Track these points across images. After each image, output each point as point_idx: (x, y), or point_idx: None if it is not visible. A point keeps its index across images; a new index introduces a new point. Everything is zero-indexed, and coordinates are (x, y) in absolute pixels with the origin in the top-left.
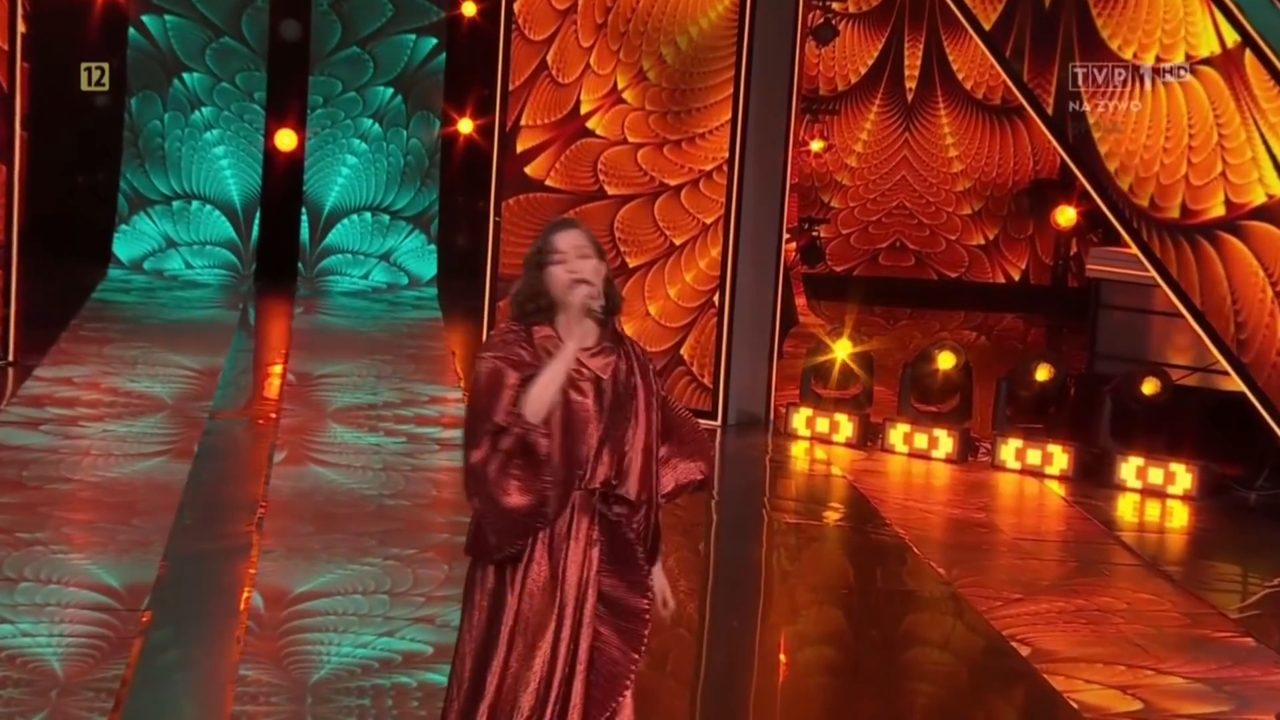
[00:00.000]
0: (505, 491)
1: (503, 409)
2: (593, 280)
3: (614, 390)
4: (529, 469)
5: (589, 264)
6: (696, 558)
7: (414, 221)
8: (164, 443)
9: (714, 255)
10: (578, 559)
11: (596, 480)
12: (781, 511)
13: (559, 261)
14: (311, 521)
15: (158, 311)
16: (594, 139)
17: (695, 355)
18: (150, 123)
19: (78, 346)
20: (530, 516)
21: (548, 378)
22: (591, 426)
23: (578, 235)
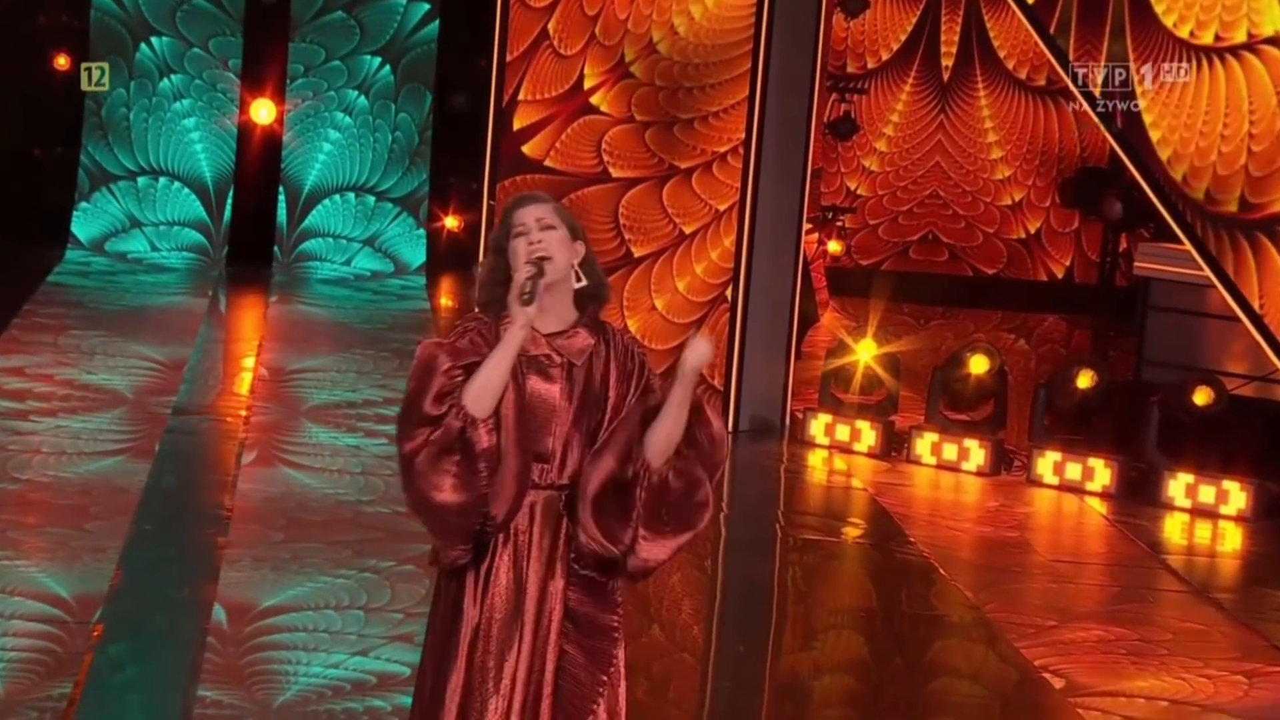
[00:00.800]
0: (436, 487)
1: (431, 398)
2: (555, 254)
3: (588, 378)
4: (466, 464)
5: (554, 235)
6: (703, 576)
7: (402, 204)
8: (122, 441)
9: (727, 245)
10: (540, 568)
11: (564, 476)
12: (796, 527)
13: (520, 234)
14: (282, 529)
15: (119, 297)
16: (598, 116)
17: None
18: (114, 91)
19: (30, 334)
20: (463, 516)
21: (491, 364)
22: (558, 417)
23: (541, 208)
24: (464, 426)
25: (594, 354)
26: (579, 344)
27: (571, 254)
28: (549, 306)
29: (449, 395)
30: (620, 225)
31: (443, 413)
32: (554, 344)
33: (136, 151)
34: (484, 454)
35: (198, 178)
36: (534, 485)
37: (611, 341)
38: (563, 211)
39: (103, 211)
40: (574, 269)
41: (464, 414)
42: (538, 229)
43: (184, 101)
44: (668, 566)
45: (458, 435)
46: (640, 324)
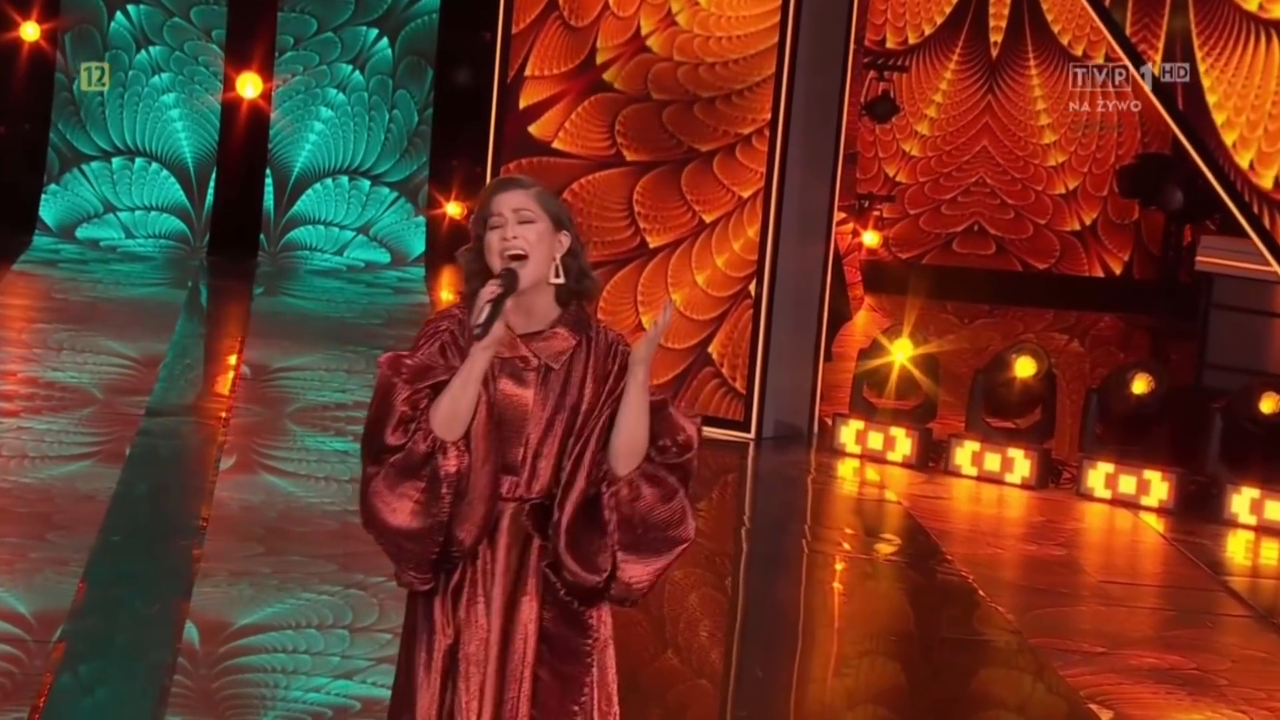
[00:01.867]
0: (393, 511)
1: (391, 428)
2: (531, 251)
3: (565, 383)
4: (430, 489)
5: (532, 229)
6: (722, 596)
7: (399, 189)
8: (89, 444)
9: (751, 236)
10: (508, 586)
11: (533, 489)
12: (824, 543)
13: (495, 226)
14: (261, 541)
15: (90, 288)
16: (611, 94)
17: (726, 354)
18: (85, 64)
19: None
20: (418, 542)
21: (456, 390)
22: (531, 424)
23: (521, 195)
24: (431, 451)
25: (574, 356)
26: (557, 345)
27: (553, 247)
28: (527, 305)
29: (411, 420)
30: (635, 213)
31: (405, 441)
32: (530, 346)
33: (111, 130)
34: (449, 479)
35: (177, 159)
36: (501, 498)
37: (593, 340)
38: (546, 197)
39: (74, 195)
40: (555, 263)
41: (433, 438)
42: (514, 221)
43: (163, 76)
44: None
45: (423, 459)
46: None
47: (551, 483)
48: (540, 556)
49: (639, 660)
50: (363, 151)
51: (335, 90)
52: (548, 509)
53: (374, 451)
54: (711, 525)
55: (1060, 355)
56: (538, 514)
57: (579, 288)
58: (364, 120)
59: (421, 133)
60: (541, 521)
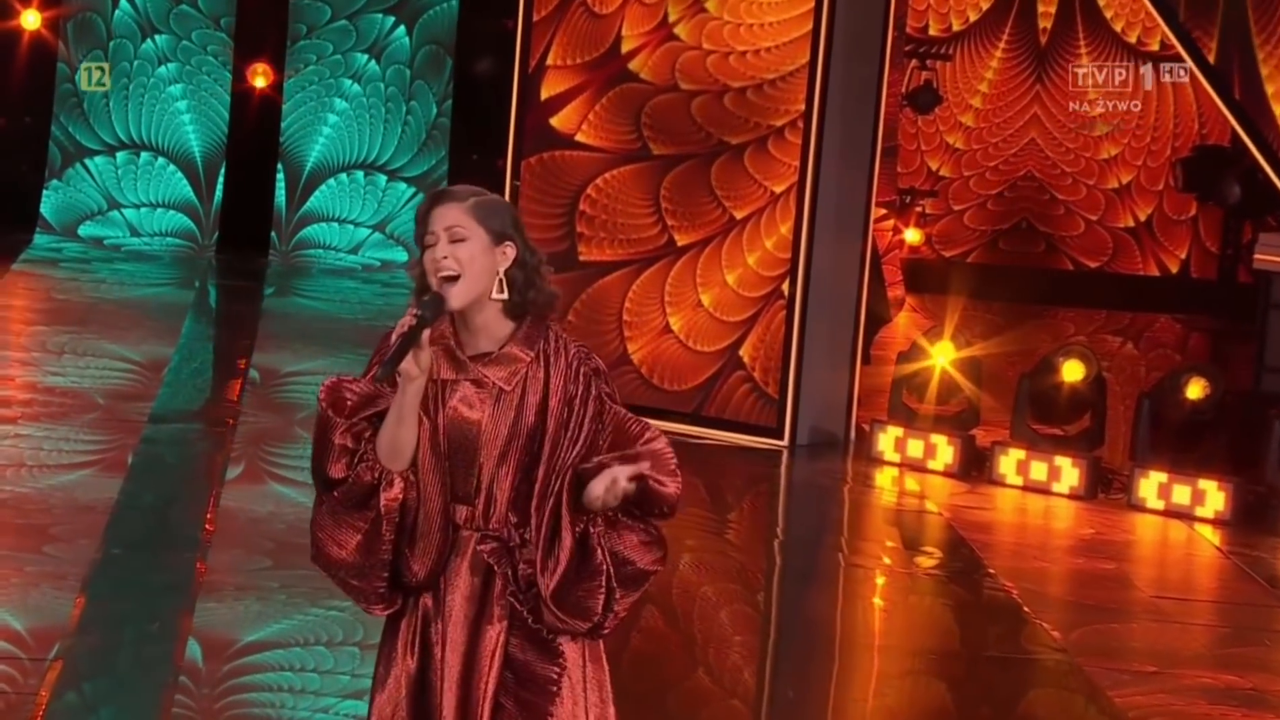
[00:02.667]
0: (338, 544)
1: (332, 463)
2: (461, 270)
3: (520, 405)
4: (375, 520)
5: (464, 248)
6: (755, 612)
7: (417, 184)
8: (90, 451)
9: (784, 233)
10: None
11: (490, 520)
12: (862, 556)
13: (429, 245)
14: (269, 553)
15: (93, 289)
16: (637, 84)
17: (757, 357)
18: (90, 54)
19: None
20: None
21: (391, 425)
22: (484, 452)
23: (454, 211)
24: (377, 481)
25: (529, 375)
26: (509, 366)
27: (493, 262)
28: (474, 324)
29: (355, 453)
30: (662, 210)
31: (348, 474)
32: (480, 369)
33: (115, 123)
34: (391, 514)
35: (185, 153)
36: (457, 528)
37: (552, 358)
38: (484, 209)
39: (76, 191)
40: (498, 278)
41: (378, 470)
42: (446, 240)
43: (169, 66)
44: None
45: (368, 491)
46: (684, 322)
47: (510, 511)
48: (505, 584)
49: (668, 680)
50: (379, 145)
51: (350, 81)
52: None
53: (319, 484)
54: (743, 538)
55: (1113, 358)
56: (498, 549)
57: (526, 299)
58: (380, 113)
59: (440, 125)
60: (502, 556)
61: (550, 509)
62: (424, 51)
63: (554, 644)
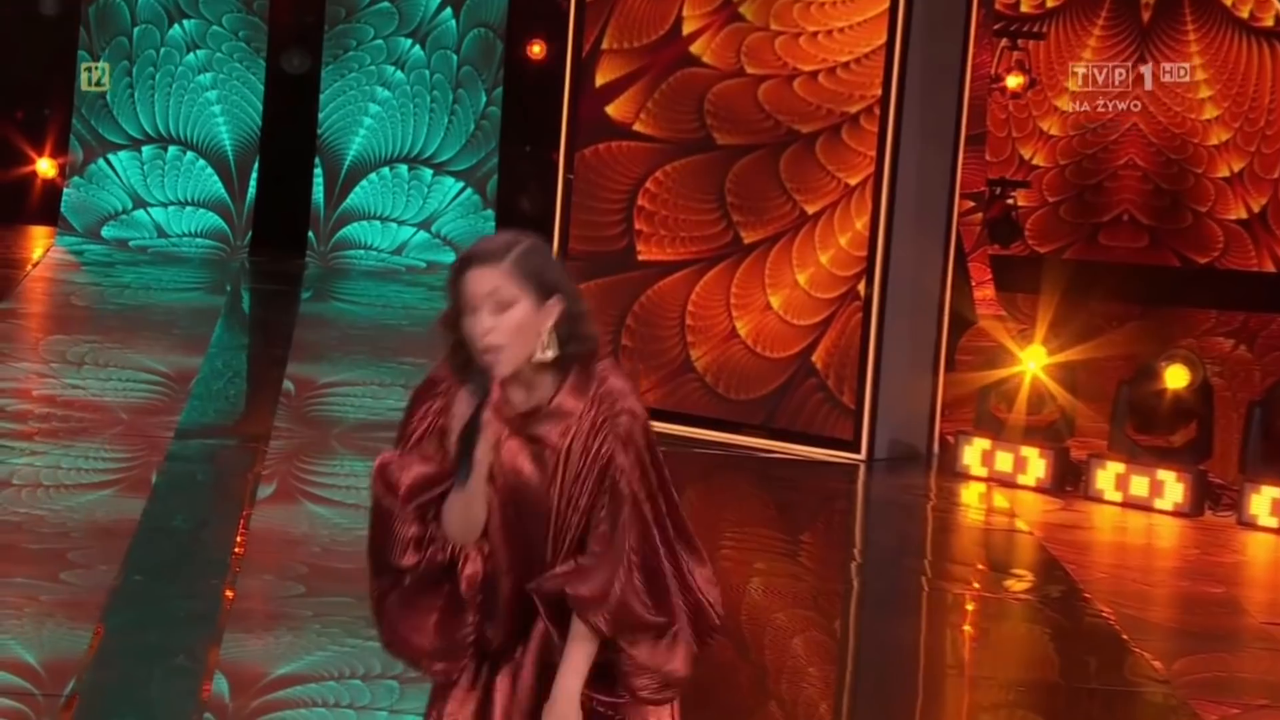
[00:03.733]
0: (415, 629)
1: (398, 552)
2: (508, 344)
3: (576, 461)
4: (454, 597)
5: (510, 317)
6: (831, 641)
7: (465, 178)
8: (112, 470)
9: (860, 228)
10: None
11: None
12: (947, 580)
13: (469, 312)
14: (302, 579)
15: (117, 294)
16: (699, 69)
17: (832, 364)
18: (114, 40)
19: (7, 339)
20: (449, 657)
21: (459, 509)
22: (551, 512)
23: (492, 275)
24: (453, 561)
25: (578, 425)
26: (561, 421)
27: (540, 323)
28: (525, 381)
29: (422, 538)
30: (726, 205)
31: (419, 559)
32: (538, 429)
33: (140, 116)
34: (472, 589)
35: (215, 147)
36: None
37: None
38: (527, 263)
39: (99, 189)
40: (542, 339)
41: (452, 549)
42: (488, 310)
43: (198, 53)
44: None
45: (443, 570)
46: (752, 327)
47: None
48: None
49: (737, 715)
50: (424, 137)
51: (392, 68)
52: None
53: (382, 572)
54: (817, 560)
55: (1223, 363)
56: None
57: (576, 352)
58: (424, 102)
59: (490, 115)
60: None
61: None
62: (472, 35)
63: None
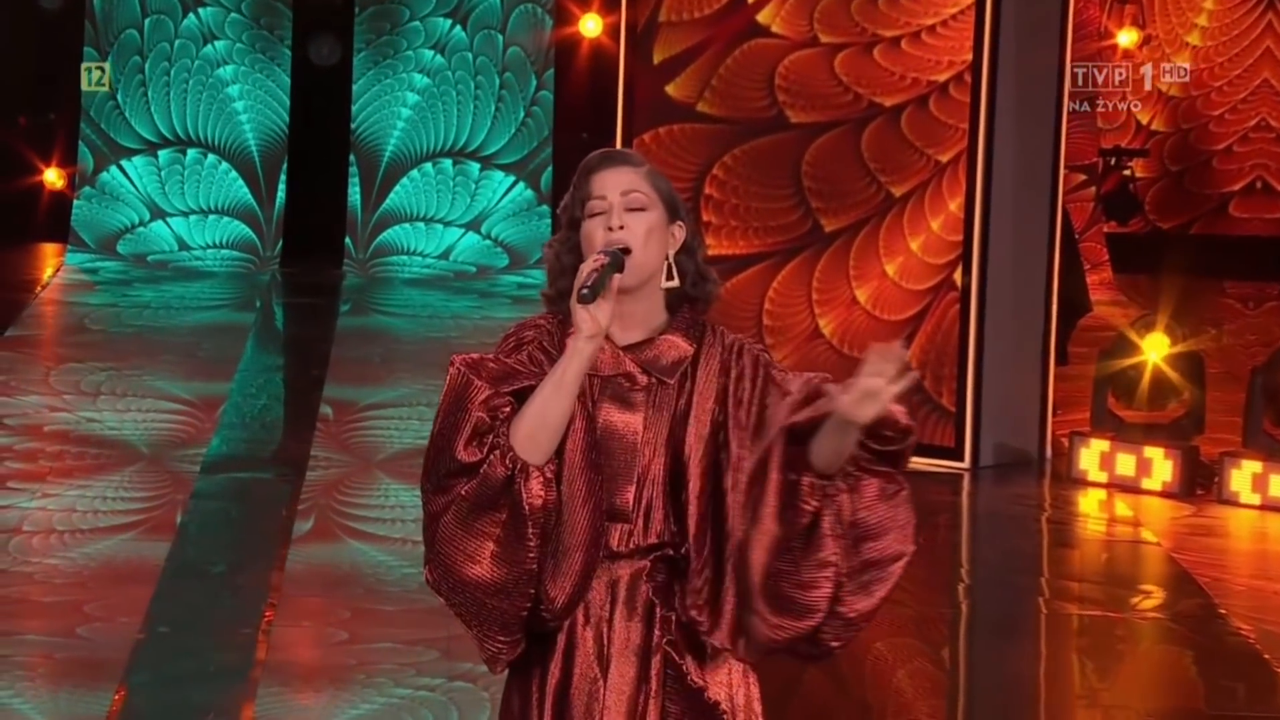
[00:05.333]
0: (470, 557)
1: (464, 439)
2: (639, 246)
3: (682, 402)
4: (512, 527)
5: (642, 219)
6: (939, 671)
7: (516, 171)
8: (132, 511)
9: (954, 210)
10: (630, 670)
11: (652, 534)
12: (1066, 599)
13: (596, 213)
14: (345, 623)
15: (135, 315)
16: (768, 40)
17: (929, 362)
18: (125, 33)
19: (14, 370)
20: (503, 597)
21: (548, 391)
22: (641, 458)
23: (629, 174)
24: (511, 475)
25: (690, 367)
26: (670, 355)
27: (665, 243)
28: (627, 311)
29: (488, 434)
30: (804, 190)
31: (480, 458)
32: (637, 358)
33: (156, 116)
34: (535, 514)
35: (240, 148)
36: (612, 555)
37: (715, 347)
38: (659, 179)
39: (113, 199)
40: (667, 262)
41: (511, 458)
42: (621, 207)
43: (217, 46)
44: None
45: (502, 487)
46: (837, 324)
47: (667, 524)
48: (664, 631)
49: None
50: (468, 128)
51: (431, 52)
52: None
53: (440, 475)
54: (920, 582)
55: None
56: (665, 583)
57: (695, 293)
58: (468, 88)
59: (541, 101)
60: (668, 581)
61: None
62: (518, 13)
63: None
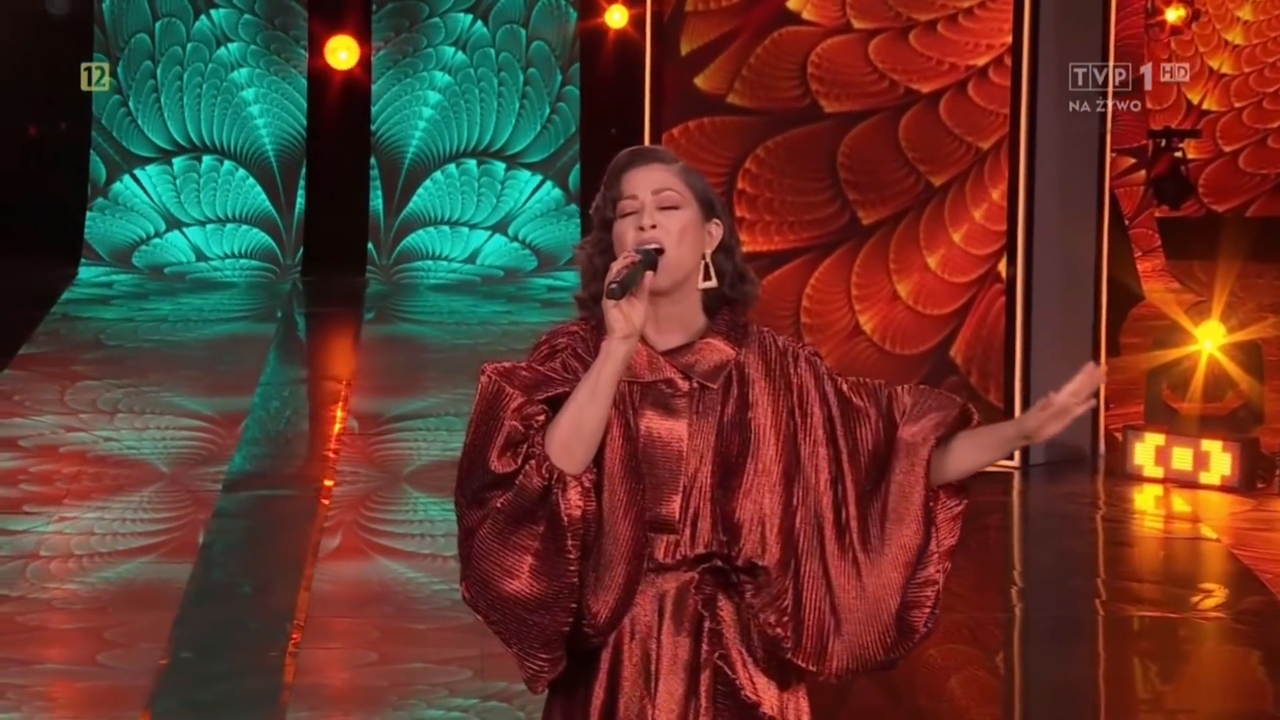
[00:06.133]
0: (508, 572)
1: (498, 450)
2: (673, 246)
3: (728, 407)
4: (551, 539)
5: (676, 218)
6: (993, 678)
7: (543, 170)
8: (153, 533)
9: (997, 199)
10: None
11: (697, 545)
12: (1125, 600)
13: (628, 213)
14: (374, 644)
15: (151, 330)
16: (799, 27)
17: (974, 357)
18: (135, 37)
19: (28, 389)
20: (543, 612)
21: (583, 397)
22: (686, 466)
23: (661, 172)
24: (548, 485)
25: (735, 371)
26: (712, 358)
27: (700, 242)
28: (665, 314)
29: (522, 443)
30: (840, 182)
31: (515, 468)
32: (676, 362)
33: (169, 122)
34: (574, 525)
35: (257, 153)
36: (658, 567)
37: (761, 350)
38: (694, 176)
39: (127, 209)
40: (704, 262)
41: (547, 468)
42: (653, 206)
43: (230, 48)
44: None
45: (539, 498)
46: (878, 321)
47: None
48: (713, 646)
49: None
50: (492, 126)
51: (452, 49)
52: (722, 572)
53: (475, 489)
54: (972, 586)
55: None
56: (714, 582)
57: (734, 294)
58: (491, 85)
59: (567, 96)
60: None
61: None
62: (541, 5)
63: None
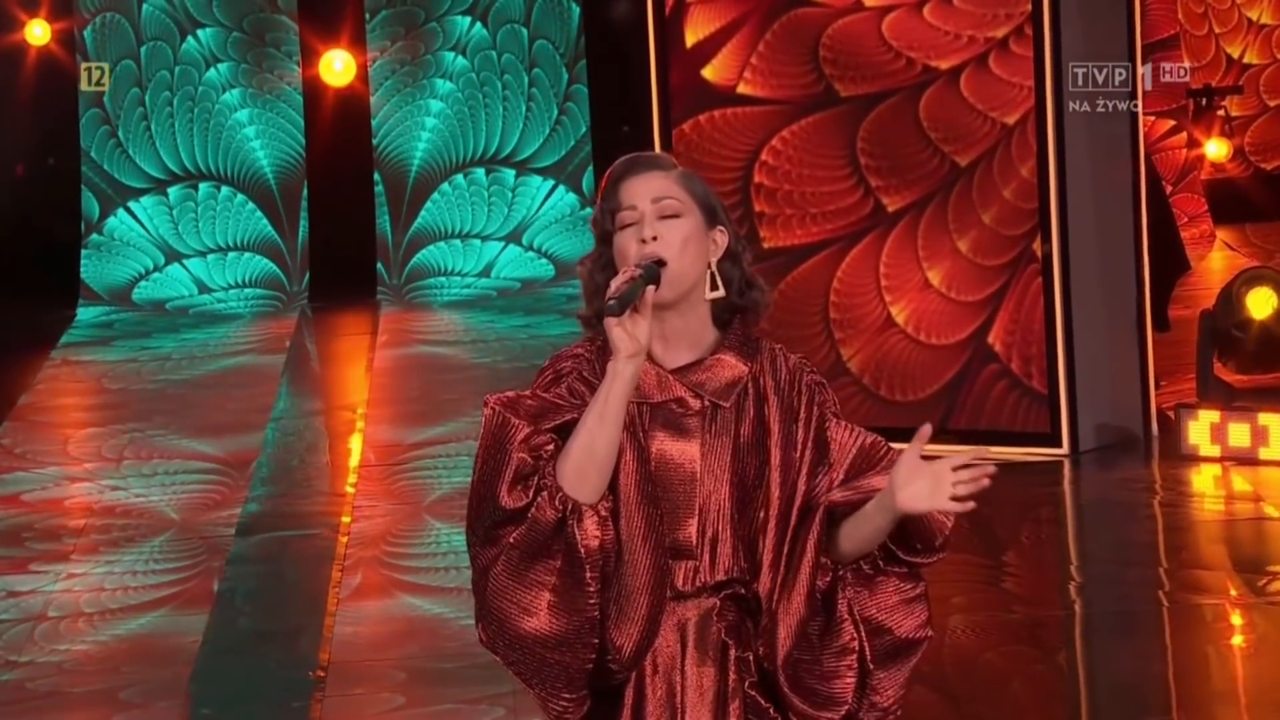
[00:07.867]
0: (526, 610)
1: (507, 485)
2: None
3: (741, 426)
4: (569, 573)
5: (677, 227)
6: (1054, 675)
7: (554, 174)
8: (165, 584)
9: (1026, 175)
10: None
11: (720, 572)
12: (1188, 589)
13: (627, 224)
14: (400, 688)
15: (155, 370)
16: (808, 8)
17: (1014, 342)
18: (121, 64)
19: (28, 440)
20: (565, 650)
21: (590, 424)
22: (701, 488)
23: (660, 180)
24: (562, 517)
25: (747, 389)
26: (724, 375)
27: (705, 250)
28: (673, 329)
29: (533, 475)
30: (861, 168)
31: (527, 502)
32: (686, 380)
33: (161, 150)
34: (592, 556)
35: (255, 177)
36: (678, 595)
37: (770, 367)
38: (694, 181)
39: (123, 245)
40: (710, 271)
41: (561, 499)
42: (653, 216)
43: (221, 68)
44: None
45: (553, 531)
46: (910, 311)
47: (736, 559)
48: (740, 674)
49: None
50: (499, 132)
51: (452, 54)
52: (743, 599)
53: (486, 526)
54: (1026, 583)
55: None
56: (737, 608)
57: (743, 302)
58: (495, 89)
59: (575, 95)
60: (739, 620)
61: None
62: (541, 2)
63: None
